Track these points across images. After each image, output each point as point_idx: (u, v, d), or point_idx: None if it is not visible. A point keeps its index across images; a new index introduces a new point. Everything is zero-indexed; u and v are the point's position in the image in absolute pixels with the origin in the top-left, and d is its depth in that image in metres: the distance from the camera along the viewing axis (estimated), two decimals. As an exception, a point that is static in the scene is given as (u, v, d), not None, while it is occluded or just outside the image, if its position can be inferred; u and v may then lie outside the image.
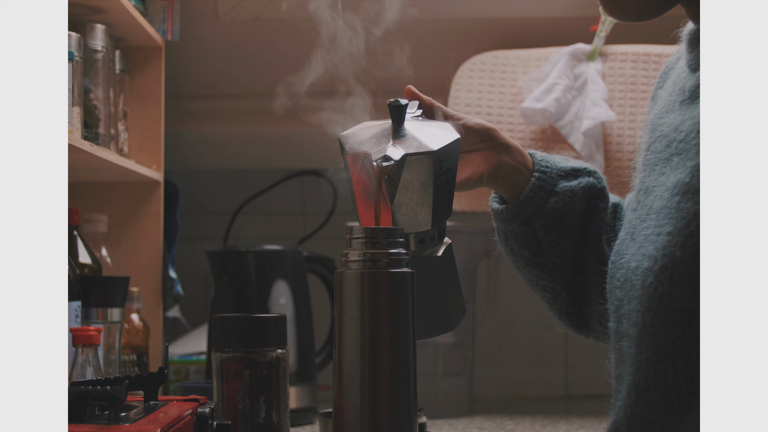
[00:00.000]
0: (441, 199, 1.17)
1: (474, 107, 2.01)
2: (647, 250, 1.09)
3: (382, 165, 1.13)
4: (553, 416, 2.03)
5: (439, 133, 1.18)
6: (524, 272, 1.34)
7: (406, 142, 1.15)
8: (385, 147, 1.15)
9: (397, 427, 1.07)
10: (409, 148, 1.14)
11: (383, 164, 1.13)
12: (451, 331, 1.24)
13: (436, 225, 1.18)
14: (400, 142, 1.15)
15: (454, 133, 1.19)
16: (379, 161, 1.13)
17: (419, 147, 1.14)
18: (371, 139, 1.17)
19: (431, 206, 1.15)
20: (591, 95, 1.95)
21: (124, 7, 1.76)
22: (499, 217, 1.31)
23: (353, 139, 1.18)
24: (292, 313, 1.97)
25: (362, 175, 1.15)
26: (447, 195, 1.18)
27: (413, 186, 1.14)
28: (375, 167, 1.13)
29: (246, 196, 2.27)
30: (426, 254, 1.18)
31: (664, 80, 1.28)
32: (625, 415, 1.09)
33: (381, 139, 1.16)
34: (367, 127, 1.19)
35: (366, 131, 1.19)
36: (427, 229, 1.17)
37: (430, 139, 1.16)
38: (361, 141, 1.17)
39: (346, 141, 1.17)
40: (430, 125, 1.20)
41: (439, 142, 1.16)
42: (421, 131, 1.17)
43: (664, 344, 1.05)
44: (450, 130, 1.19)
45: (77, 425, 0.99)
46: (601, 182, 1.32)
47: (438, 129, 1.19)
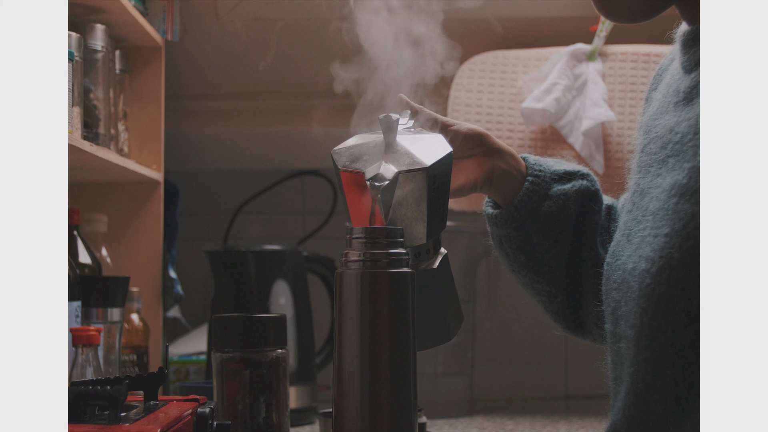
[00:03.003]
0: (435, 213, 1.17)
1: (474, 107, 2.01)
2: (644, 252, 1.09)
3: (375, 185, 1.13)
4: (553, 416, 2.03)
5: (431, 147, 1.17)
6: (519, 276, 1.34)
7: (398, 158, 1.15)
8: (378, 165, 1.14)
9: (397, 427, 1.07)
10: (401, 165, 1.14)
11: (376, 184, 1.13)
12: (450, 341, 1.24)
13: (431, 238, 1.18)
14: (392, 158, 1.15)
15: (446, 145, 1.18)
16: (371, 181, 1.13)
17: (411, 163, 1.14)
18: (363, 156, 1.16)
19: (426, 221, 1.15)
20: (591, 95, 1.95)
21: (124, 7, 1.76)
22: (493, 222, 1.31)
23: (345, 155, 1.17)
24: (292, 313, 1.97)
25: (356, 194, 1.15)
26: (441, 208, 1.18)
27: (407, 202, 1.14)
28: (368, 186, 1.13)
29: (246, 196, 2.27)
30: (422, 267, 1.18)
31: (657, 82, 1.28)
32: (624, 416, 1.09)
33: (373, 156, 1.16)
34: (359, 142, 1.19)
35: (358, 147, 1.18)
36: (423, 242, 1.17)
37: (423, 154, 1.15)
38: (353, 157, 1.16)
39: (339, 158, 1.17)
40: (422, 138, 1.20)
41: (431, 156, 1.15)
42: (414, 145, 1.17)
43: (662, 345, 1.05)
44: (442, 143, 1.19)
45: (77, 425, 0.99)
46: (595, 185, 1.32)
47: (430, 142, 1.19)
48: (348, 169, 1.15)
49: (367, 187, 1.13)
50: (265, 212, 2.35)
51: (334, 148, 1.18)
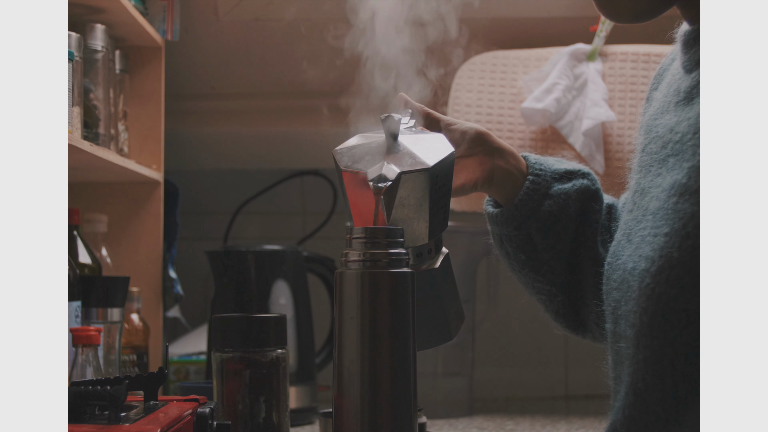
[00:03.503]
0: (437, 213, 1.17)
1: (474, 107, 2.01)
2: (644, 251, 1.09)
3: (378, 186, 1.13)
4: (553, 416, 2.03)
5: (433, 147, 1.17)
6: (520, 275, 1.33)
7: (400, 158, 1.15)
8: (380, 165, 1.14)
9: (397, 427, 1.07)
10: (404, 166, 1.14)
11: (379, 185, 1.13)
12: (451, 340, 1.24)
13: (433, 238, 1.18)
14: (394, 159, 1.15)
15: (447, 145, 1.18)
16: (374, 181, 1.13)
17: (414, 164, 1.14)
18: (365, 156, 1.16)
19: (428, 221, 1.15)
20: (591, 95, 1.95)
21: (124, 7, 1.76)
22: (493, 221, 1.31)
23: (348, 156, 1.17)
24: (292, 313, 1.97)
25: (358, 194, 1.15)
26: (443, 208, 1.18)
27: (409, 203, 1.14)
28: (371, 187, 1.13)
29: (246, 196, 2.27)
30: (424, 267, 1.18)
31: (658, 81, 1.28)
32: (624, 416, 1.09)
33: (375, 156, 1.16)
34: (361, 142, 1.18)
35: (360, 147, 1.18)
36: (425, 243, 1.17)
37: (425, 154, 1.15)
38: (355, 158, 1.16)
39: (341, 158, 1.16)
40: (423, 138, 1.19)
41: (434, 157, 1.15)
42: (416, 145, 1.17)
43: (662, 345, 1.05)
44: (444, 143, 1.19)
45: (77, 425, 0.99)
46: (595, 184, 1.32)
47: (432, 142, 1.19)
48: (350, 169, 1.15)
49: (369, 188, 1.13)
50: (265, 212, 2.35)
51: (335, 148, 1.18)
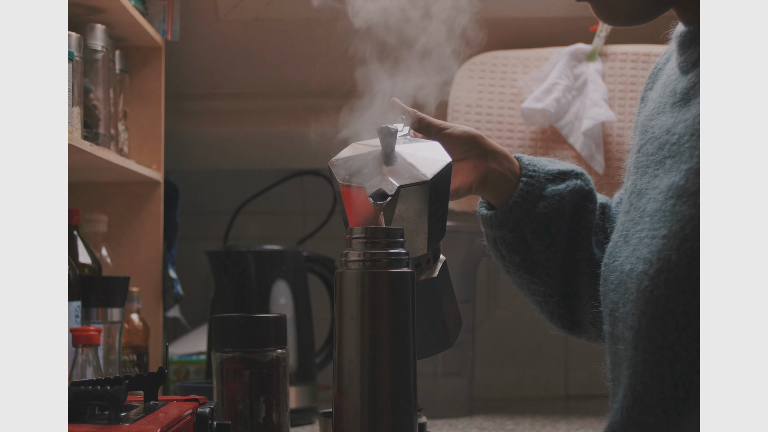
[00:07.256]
0: (435, 223, 1.16)
1: (474, 107, 2.01)
2: (642, 253, 1.09)
3: (378, 204, 1.12)
4: (553, 416, 2.03)
5: (430, 157, 1.16)
6: (515, 277, 1.33)
7: (398, 170, 1.14)
8: (378, 179, 1.13)
9: (397, 427, 1.07)
10: (402, 179, 1.13)
11: (378, 203, 1.12)
12: (450, 348, 1.24)
13: (431, 249, 1.17)
14: (392, 171, 1.14)
15: (444, 155, 1.17)
16: (374, 198, 1.12)
17: (412, 177, 1.13)
18: (363, 169, 1.15)
19: (426, 232, 1.15)
20: (591, 95, 1.95)
21: (124, 7, 1.76)
22: (487, 223, 1.31)
23: (344, 168, 1.15)
24: (292, 313, 1.97)
25: (356, 208, 1.14)
26: (441, 217, 1.17)
27: (408, 215, 1.13)
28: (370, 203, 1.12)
29: (246, 196, 2.27)
30: (423, 277, 1.18)
31: (653, 81, 1.27)
32: (622, 417, 1.09)
33: (373, 168, 1.14)
34: (356, 153, 1.17)
35: (356, 158, 1.16)
36: (424, 253, 1.17)
37: (423, 165, 1.14)
38: (352, 171, 1.15)
39: (338, 171, 1.15)
40: (419, 147, 1.19)
41: (431, 168, 1.14)
42: (413, 155, 1.16)
43: (661, 347, 1.05)
44: (440, 152, 1.18)
45: (77, 425, 0.99)
46: (589, 184, 1.32)
47: (428, 151, 1.17)
48: (348, 183, 1.14)
49: (367, 202, 1.12)
50: (265, 212, 2.35)
51: (331, 160, 1.17)
